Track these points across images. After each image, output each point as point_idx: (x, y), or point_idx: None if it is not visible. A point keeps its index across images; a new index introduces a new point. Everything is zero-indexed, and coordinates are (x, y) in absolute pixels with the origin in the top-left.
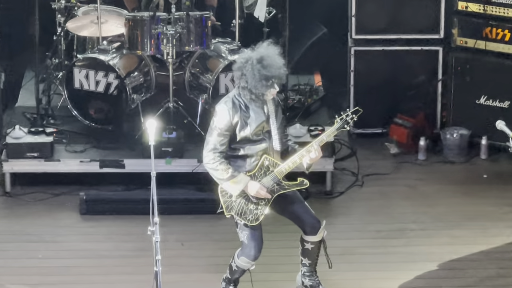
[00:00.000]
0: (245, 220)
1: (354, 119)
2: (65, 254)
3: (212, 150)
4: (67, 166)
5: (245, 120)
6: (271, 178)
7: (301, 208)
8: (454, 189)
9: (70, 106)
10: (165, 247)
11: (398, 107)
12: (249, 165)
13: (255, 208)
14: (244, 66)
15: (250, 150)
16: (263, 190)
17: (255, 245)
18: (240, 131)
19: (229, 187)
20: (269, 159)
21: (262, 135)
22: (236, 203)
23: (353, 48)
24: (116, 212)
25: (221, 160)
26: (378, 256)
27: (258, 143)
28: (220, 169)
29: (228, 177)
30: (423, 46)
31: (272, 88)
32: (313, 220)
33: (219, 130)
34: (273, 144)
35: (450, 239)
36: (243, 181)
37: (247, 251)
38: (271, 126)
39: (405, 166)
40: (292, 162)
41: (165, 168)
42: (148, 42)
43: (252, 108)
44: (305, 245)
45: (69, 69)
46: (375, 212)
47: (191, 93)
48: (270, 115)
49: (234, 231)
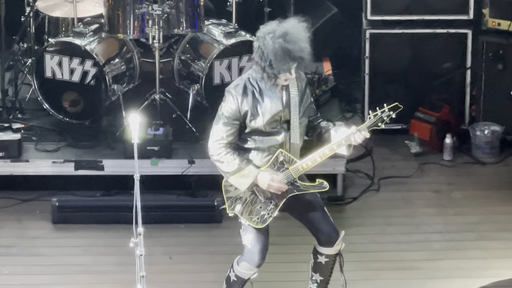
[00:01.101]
0: (250, 221)
1: (392, 116)
2: (35, 269)
3: (217, 141)
4: (37, 167)
5: (257, 109)
6: (285, 177)
7: (319, 214)
8: (485, 194)
9: (40, 98)
10: (150, 261)
11: (420, 99)
12: (259, 160)
13: (263, 208)
14: (264, 38)
15: (262, 143)
16: (276, 181)
17: (259, 249)
18: (251, 121)
19: (236, 181)
20: (284, 154)
21: (278, 126)
22: (241, 201)
23: (368, 31)
24: (93, 221)
25: (227, 150)
26: (397, 272)
27: (273, 136)
28: (225, 161)
29: (235, 169)
30: (449, 28)
31: (287, 72)
32: (330, 230)
33: (225, 119)
34: (291, 137)
35: (481, 252)
36: (252, 174)
37: (249, 257)
38: (291, 115)
39: (428, 167)
40: (311, 161)
41: (151, 170)
42: (131, 24)
43: (267, 94)
44: (318, 258)
45: (39, 55)
46: (394, 221)
47: (180, 83)
48: (290, 103)
49: (231, 242)
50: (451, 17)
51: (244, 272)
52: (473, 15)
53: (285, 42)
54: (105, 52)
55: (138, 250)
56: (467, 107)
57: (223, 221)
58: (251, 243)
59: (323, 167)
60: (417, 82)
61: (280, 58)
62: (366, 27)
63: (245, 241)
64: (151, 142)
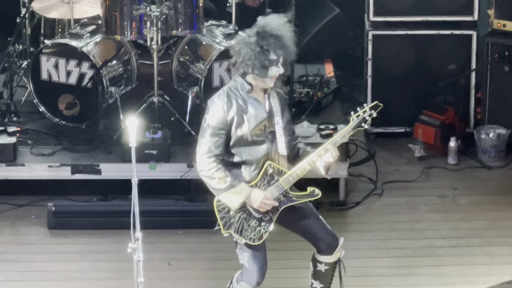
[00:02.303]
0: (246, 238)
1: (373, 115)
2: (31, 276)
3: (206, 154)
4: (32, 172)
5: (242, 116)
6: (277, 189)
7: (315, 222)
8: (491, 199)
9: (36, 101)
10: (148, 267)
11: (424, 102)
12: (248, 174)
13: (258, 224)
14: (242, 39)
15: (250, 156)
16: (269, 199)
17: (257, 268)
18: (237, 129)
19: (227, 199)
20: (273, 166)
21: (263, 136)
22: (235, 219)
23: (371, 32)
24: (90, 226)
25: (218, 166)
26: (401, 278)
27: (259, 146)
28: (216, 177)
29: (226, 187)
30: (453, 29)
31: (274, 67)
32: (329, 237)
33: (211, 130)
34: (278, 147)
35: (487, 258)
36: (244, 192)
37: (248, 276)
38: (275, 125)
39: (433, 171)
40: (301, 170)
41: (149, 174)
42: (128, 25)
43: (250, 103)
44: (317, 266)
45: (35, 57)
46: (397, 226)
47: (179, 86)
48: (273, 112)
49: (230, 248)
50: (455, 18)
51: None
52: (478, 16)
53: (261, 38)
54: (102, 54)
55: (136, 255)
56: (472, 110)
57: None
58: (249, 262)
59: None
60: (421, 84)
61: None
62: (368, 28)
63: (242, 260)
64: (149, 146)
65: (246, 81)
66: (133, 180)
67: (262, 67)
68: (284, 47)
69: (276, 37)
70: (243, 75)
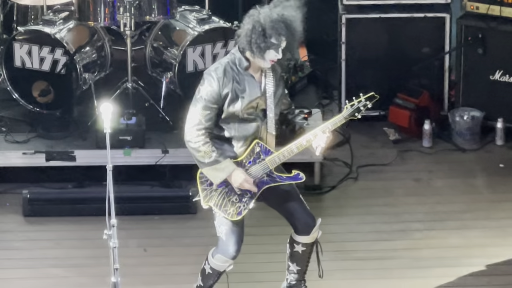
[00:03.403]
0: (225, 213)
1: (368, 106)
2: (6, 263)
3: (195, 125)
4: (7, 159)
5: (237, 93)
6: (261, 168)
7: (296, 202)
8: (466, 182)
9: (10, 88)
10: (124, 254)
11: (398, 85)
12: (236, 149)
13: (238, 200)
14: (261, 10)
15: (238, 132)
16: (249, 183)
17: (234, 241)
18: (229, 105)
19: (209, 173)
20: (261, 144)
21: (255, 114)
22: (216, 193)
23: (344, 16)
24: (65, 214)
25: (206, 140)
26: (377, 261)
27: (249, 123)
28: (202, 151)
29: (210, 161)
30: (426, 12)
31: (272, 50)
32: (307, 217)
33: (204, 102)
34: (268, 126)
35: (462, 240)
36: (227, 170)
37: (224, 248)
38: (267, 104)
39: (408, 154)
40: (288, 152)
41: (124, 160)
42: (101, 11)
43: (246, 80)
44: (294, 247)
45: (8, 44)
46: (373, 210)
47: (153, 71)
48: (267, 91)
49: (207, 234)
50: (428, 1)
51: (219, 265)
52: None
53: (283, 16)
54: (75, 40)
55: (111, 242)
56: (446, 92)
57: (198, 212)
58: (226, 235)
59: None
60: (395, 67)
61: (276, 29)
62: (342, 12)
63: (220, 233)
64: (124, 132)
65: (245, 57)
66: (108, 167)
67: (258, 48)
68: (289, 34)
69: (283, 23)
70: (242, 50)
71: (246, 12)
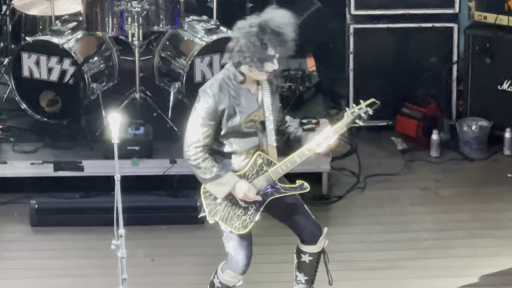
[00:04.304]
0: (232, 227)
1: (369, 113)
2: (14, 273)
3: (194, 143)
4: (15, 169)
5: (234, 108)
6: (265, 180)
7: (300, 213)
8: (474, 191)
9: (18, 98)
10: (132, 264)
11: (405, 95)
12: (237, 164)
13: (244, 213)
14: (243, 28)
15: (240, 146)
16: (252, 192)
17: (243, 256)
18: (228, 120)
19: (213, 188)
20: (263, 156)
21: (254, 127)
22: (221, 207)
23: (352, 25)
24: (73, 223)
25: (205, 156)
26: (385, 271)
27: (249, 137)
28: (203, 167)
29: (212, 177)
30: (434, 22)
31: (269, 62)
32: (313, 227)
33: (201, 120)
34: (268, 138)
35: (470, 250)
36: (230, 183)
37: (233, 264)
38: (266, 116)
39: (415, 164)
40: (290, 162)
41: (132, 170)
42: (109, 22)
43: (242, 94)
44: (301, 257)
45: (16, 54)
46: (381, 220)
47: (161, 81)
48: (264, 103)
49: (215, 244)
50: (436, 11)
51: (228, 280)
52: (458, 9)
53: (262, 31)
54: (83, 50)
55: (119, 252)
56: (454, 102)
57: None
58: (235, 250)
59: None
60: (403, 77)
61: (270, 40)
62: (350, 22)
63: (228, 248)
64: (132, 142)
65: (239, 71)
66: (116, 177)
67: (259, 60)
68: (284, 44)
69: (278, 34)
70: (237, 64)
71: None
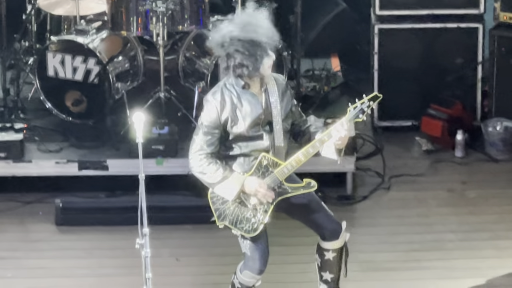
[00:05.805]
0: (241, 230)
1: (371, 107)
2: (39, 272)
3: (197, 151)
4: (40, 168)
5: (237, 114)
6: (271, 181)
7: (318, 211)
8: (500, 192)
9: (43, 98)
10: (157, 263)
11: (431, 95)
12: (246, 165)
13: (253, 216)
14: (224, 42)
15: (248, 148)
16: (263, 187)
17: (259, 256)
18: (233, 127)
19: (222, 191)
20: (267, 157)
21: (261, 129)
22: (230, 211)
23: (377, 26)
24: (98, 223)
25: (209, 161)
26: (409, 272)
27: (256, 140)
28: (208, 172)
29: (219, 180)
30: (459, 23)
31: (265, 58)
32: (333, 224)
33: (205, 128)
34: (275, 139)
35: (496, 251)
36: (239, 181)
37: (250, 264)
38: (273, 117)
39: (440, 165)
40: (295, 161)
41: (156, 169)
42: (134, 21)
43: (245, 98)
44: (325, 256)
45: (41, 53)
46: (406, 221)
47: (185, 81)
48: (270, 104)
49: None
50: (461, 12)
51: (247, 280)
52: (484, 9)
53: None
54: (108, 50)
55: (143, 251)
56: (479, 103)
57: None
58: (251, 251)
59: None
60: (428, 77)
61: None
62: (375, 22)
63: (244, 249)
64: (156, 141)
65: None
66: (140, 176)
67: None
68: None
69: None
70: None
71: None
